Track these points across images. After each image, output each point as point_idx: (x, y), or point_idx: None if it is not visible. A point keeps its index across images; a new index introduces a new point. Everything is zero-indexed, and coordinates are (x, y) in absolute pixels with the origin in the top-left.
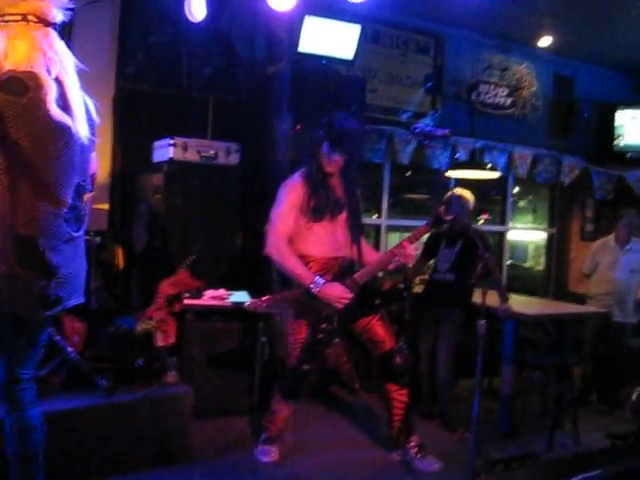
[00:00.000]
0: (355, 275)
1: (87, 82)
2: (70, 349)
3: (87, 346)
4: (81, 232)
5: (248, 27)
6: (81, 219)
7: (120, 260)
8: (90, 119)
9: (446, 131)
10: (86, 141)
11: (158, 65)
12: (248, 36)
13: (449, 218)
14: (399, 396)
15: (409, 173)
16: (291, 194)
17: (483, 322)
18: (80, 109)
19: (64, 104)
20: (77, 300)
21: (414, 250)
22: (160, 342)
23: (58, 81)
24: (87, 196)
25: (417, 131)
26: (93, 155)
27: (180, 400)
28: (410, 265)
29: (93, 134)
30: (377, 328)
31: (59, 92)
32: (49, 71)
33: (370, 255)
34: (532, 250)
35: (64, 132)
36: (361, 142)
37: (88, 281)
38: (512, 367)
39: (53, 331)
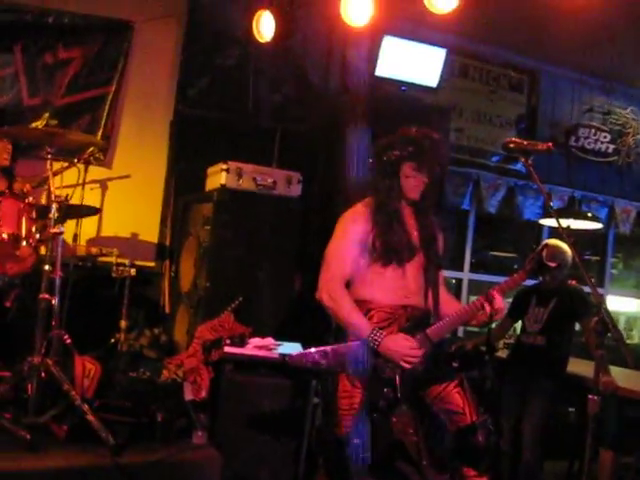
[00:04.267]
0: (428, 329)
1: (145, 103)
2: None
3: (99, 393)
4: None
5: (322, 50)
6: None
7: (166, 299)
8: None
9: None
10: None
11: (222, 89)
12: (321, 60)
13: (554, 265)
14: None
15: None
16: (353, 228)
17: (596, 398)
18: None
19: None
20: None
21: (504, 304)
22: (189, 395)
23: None
24: None
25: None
26: None
27: (206, 467)
28: (497, 322)
29: None
30: (455, 396)
31: None
32: None
33: (450, 306)
34: (623, 322)
35: None
36: (447, 164)
37: (114, 319)
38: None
39: (59, 372)
